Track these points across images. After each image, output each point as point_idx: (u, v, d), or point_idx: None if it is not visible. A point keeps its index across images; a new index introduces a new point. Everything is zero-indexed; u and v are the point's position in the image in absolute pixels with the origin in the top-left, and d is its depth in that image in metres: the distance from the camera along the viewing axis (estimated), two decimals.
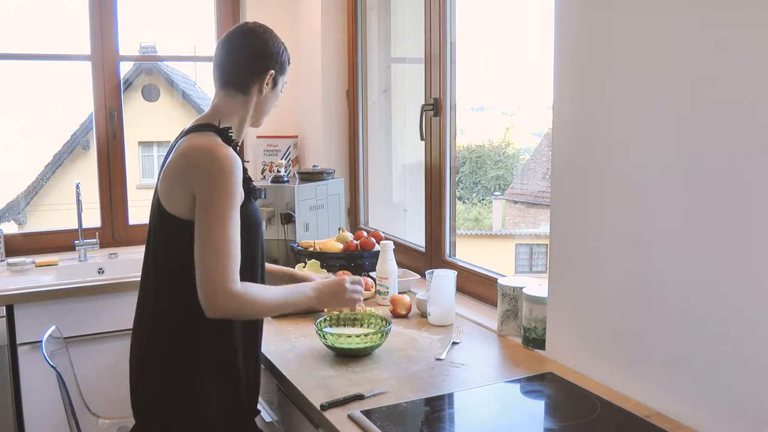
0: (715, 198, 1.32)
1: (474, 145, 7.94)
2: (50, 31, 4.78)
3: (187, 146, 1.61)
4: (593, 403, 1.50)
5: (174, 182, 1.60)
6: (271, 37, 1.74)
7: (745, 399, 1.29)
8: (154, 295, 1.68)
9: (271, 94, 1.75)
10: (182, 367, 1.64)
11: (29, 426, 2.58)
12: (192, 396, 1.64)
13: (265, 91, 1.72)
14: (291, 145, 3.42)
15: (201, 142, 1.60)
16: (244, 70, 1.71)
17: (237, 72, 1.71)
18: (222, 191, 1.53)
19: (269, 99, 1.75)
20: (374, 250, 2.51)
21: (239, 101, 1.72)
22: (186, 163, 1.58)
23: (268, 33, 1.74)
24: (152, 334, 1.68)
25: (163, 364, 1.66)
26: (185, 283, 1.56)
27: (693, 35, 1.34)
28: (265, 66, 1.71)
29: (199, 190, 1.54)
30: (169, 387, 1.65)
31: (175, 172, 1.60)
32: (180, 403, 1.64)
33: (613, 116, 1.55)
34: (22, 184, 6.43)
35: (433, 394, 1.57)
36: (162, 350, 1.66)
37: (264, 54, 1.71)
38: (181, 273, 1.58)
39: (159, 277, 1.66)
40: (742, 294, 1.28)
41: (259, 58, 1.71)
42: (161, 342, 1.66)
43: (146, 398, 1.69)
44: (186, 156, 1.59)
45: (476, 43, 3.54)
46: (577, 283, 1.69)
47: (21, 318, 2.55)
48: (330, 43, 3.24)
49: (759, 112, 1.22)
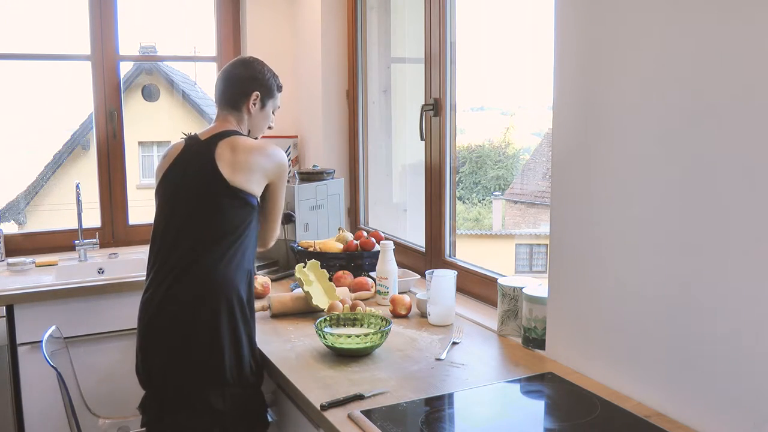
0: (715, 198, 1.32)
1: (474, 145, 7.94)
2: (50, 31, 4.78)
3: (264, 146, 1.98)
4: (593, 403, 1.50)
5: (251, 169, 1.92)
6: (259, 65, 2.09)
7: (745, 399, 1.29)
8: (211, 266, 1.83)
9: (260, 114, 2.09)
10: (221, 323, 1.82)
11: (29, 426, 2.58)
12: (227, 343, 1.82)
13: (253, 110, 2.06)
14: (291, 145, 3.42)
15: (271, 146, 2.01)
16: (235, 91, 2.05)
17: (230, 93, 2.05)
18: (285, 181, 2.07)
19: (259, 118, 2.09)
20: (374, 250, 2.51)
21: (235, 117, 2.06)
22: (269, 159, 1.97)
23: (257, 63, 2.10)
24: (196, 289, 1.83)
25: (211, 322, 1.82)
26: (243, 250, 1.88)
27: (693, 35, 1.34)
28: (250, 87, 2.05)
29: (278, 183, 2.03)
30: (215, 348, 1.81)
31: (251, 161, 1.92)
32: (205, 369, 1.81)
33: (613, 116, 1.55)
34: (22, 184, 6.42)
35: (433, 394, 1.57)
36: (215, 314, 1.82)
37: (251, 78, 2.06)
38: (242, 240, 1.88)
39: (224, 248, 1.85)
40: (742, 294, 1.28)
41: (246, 81, 2.05)
42: (219, 303, 1.83)
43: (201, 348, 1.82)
44: (266, 155, 1.97)
45: (476, 43, 3.54)
46: (577, 283, 1.69)
47: (21, 318, 2.55)
48: (330, 43, 3.24)
49: (759, 112, 1.22)
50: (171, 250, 1.87)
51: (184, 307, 1.82)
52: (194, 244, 1.85)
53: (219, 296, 1.82)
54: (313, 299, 2.16)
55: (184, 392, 1.81)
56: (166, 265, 1.86)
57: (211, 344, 1.80)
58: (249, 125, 2.08)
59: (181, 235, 1.88)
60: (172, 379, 1.82)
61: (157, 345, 1.84)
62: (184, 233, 1.88)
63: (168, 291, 1.83)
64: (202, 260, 1.83)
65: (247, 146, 1.94)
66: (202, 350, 1.80)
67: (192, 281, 1.83)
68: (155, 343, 1.85)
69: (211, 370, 1.79)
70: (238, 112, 2.05)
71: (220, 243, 1.85)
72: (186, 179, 1.92)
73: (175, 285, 1.83)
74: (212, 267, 1.83)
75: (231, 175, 1.88)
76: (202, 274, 1.82)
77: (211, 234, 1.85)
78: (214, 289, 1.82)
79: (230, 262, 1.85)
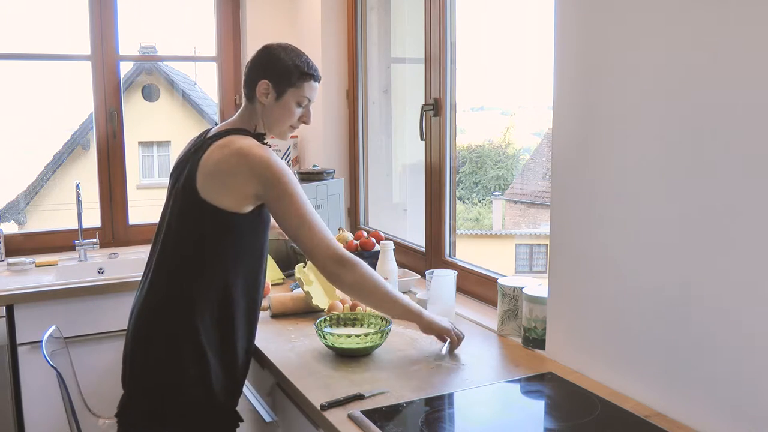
0: (716, 198, 1.32)
1: (474, 145, 7.95)
2: (50, 31, 4.78)
3: (238, 149, 1.68)
4: (593, 403, 1.50)
5: (223, 177, 1.67)
6: (279, 51, 1.81)
7: (745, 399, 1.29)
8: (172, 278, 1.71)
9: (275, 105, 1.80)
10: (187, 347, 1.68)
11: (29, 426, 2.58)
12: (197, 372, 1.68)
13: (265, 101, 1.79)
14: (291, 145, 3.42)
15: (251, 147, 1.69)
16: (246, 79, 1.83)
17: (244, 81, 1.84)
18: (288, 186, 1.69)
19: (273, 109, 1.80)
20: (374, 250, 2.52)
21: (249, 109, 1.83)
22: (238, 165, 1.67)
23: (278, 48, 1.81)
24: (164, 311, 1.71)
25: (172, 349, 1.69)
26: (213, 266, 1.69)
27: (693, 34, 1.34)
28: (257, 75, 1.79)
29: (273, 197, 1.69)
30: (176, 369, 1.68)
31: (227, 169, 1.67)
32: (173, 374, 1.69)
33: (613, 116, 1.55)
34: (22, 184, 6.43)
35: (433, 394, 1.57)
36: (171, 338, 1.69)
37: (259, 66, 1.80)
38: (209, 256, 1.69)
39: (186, 262, 1.70)
40: (742, 294, 1.28)
41: (255, 69, 1.81)
42: (170, 327, 1.70)
43: (146, 367, 1.72)
44: (241, 157, 1.67)
45: (476, 43, 3.54)
46: (577, 283, 1.69)
47: (21, 318, 2.55)
48: (330, 43, 3.24)
49: (759, 111, 1.22)
50: (151, 256, 1.80)
51: (142, 317, 1.74)
52: (160, 254, 1.74)
53: (175, 311, 1.69)
54: (314, 299, 2.16)
55: (145, 402, 1.73)
56: (146, 269, 1.81)
57: (166, 358, 1.69)
58: (263, 117, 1.82)
59: (157, 241, 1.78)
60: (130, 389, 1.76)
61: (125, 349, 1.79)
62: (158, 240, 1.78)
63: (138, 298, 1.78)
64: (163, 270, 1.73)
65: (226, 151, 1.68)
66: (158, 364, 1.70)
67: (154, 291, 1.73)
68: (125, 347, 1.79)
69: (166, 386, 1.70)
70: (251, 104, 1.82)
71: (183, 256, 1.71)
72: (175, 182, 1.78)
73: (143, 292, 1.76)
74: (171, 279, 1.71)
75: (202, 183, 1.67)
76: (162, 284, 1.72)
77: (175, 245, 1.72)
78: (169, 302, 1.70)
79: (196, 276, 1.68)
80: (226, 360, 1.73)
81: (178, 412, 1.70)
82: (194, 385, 1.68)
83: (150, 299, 1.74)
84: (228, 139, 1.72)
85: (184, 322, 1.68)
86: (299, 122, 1.85)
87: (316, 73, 1.82)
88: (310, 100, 1.83)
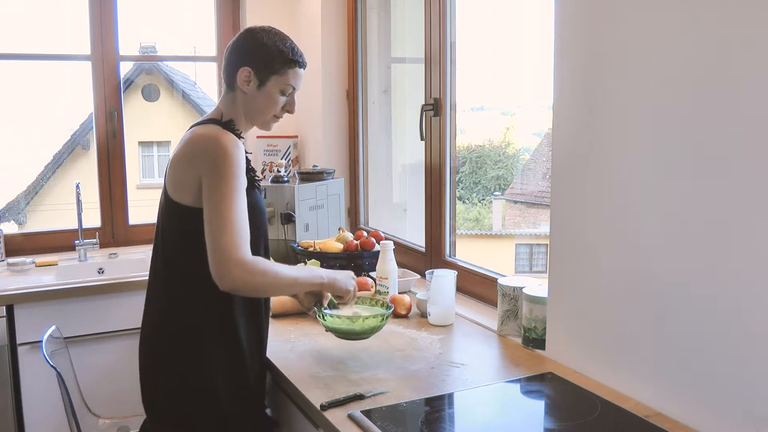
0: (715, 198, 1.32)
1: (474, 145, 7.96)
2: (50, 31, 4.79)
3: (191, 136, 1.64)
4: (593, 403, 1.50)
5: (180, 169, 1.62)
6: (262, 35, 1.70)
7: (745, 399, 1.29)
8: (163, 286, 1.69)
9: (258, 94, 1.70)
10: (194, 357, 1.66)
11: (29, 426, 2.58)
12: (204, 385, 1.65)
13: (246, 89, 1.69)
14: (291, 145, 3.42)
15: (205, 131, 1.63)
16: (226, 65, 1.73)
17: (223, 68, 1.74)
18: (227, 173, 1.54)
19: (256, 98, 1.70)
20: (374, 250, 2.51)
21: (230, 98, 1.73)
22: (191, 149, 1.61)
23: (260, 32, 1.71)
24: (161, 327, 1.69)
25: (175, 355, 1.67)
26: (193, 273, 1.60)
27: (693, 36, 1.34)
28: (238, 61, 1.69)
29: (206, 174, 1.55)
30: (181, 377, 1.66)
31: (181, 159, 1.62)
32: (193, 392, 1.66)
33: (612, 116, 1.55)
34: (22, 184, 6.44)
35: (433, 394, 1.57)
36: (173, 340, 1.67)
37: (240, 51, 1.70)
38: (188, 262, 1.61)
39: (168, 267, 1.68)
40: (743, 294, 1.28)
41: (236, 55, 1.71)
42: (172, 329, 1.68)
43: (159, 392, 1.70)
44: (191, 143, 1.62)
45: (476, 43, 3.54)
46: (576, 284, 1.69)
47: (21, 318, 2.55)
48: (330, 43, 3.24)
49: (759, 111, 1.22)
50: (152, 259, 1.78)
51: (145, 327, 1.74)
52: (153, 259, 1.73)
53: (162, 321, 1.68)
54: None
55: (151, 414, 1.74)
56: (149, 273, 1.79)
57: (152, 369, 1.70)
58: (244, 106, 1.71)
59: (156, 242, 1.75)
60: (146, 398, 1.74)
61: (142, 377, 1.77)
62: (155, 242, 1.75)
63: (144, 316, 1.77)
64: (151, 278, 1.73)
65: (185, 140, 1.63)
66: (146, 375, 1.71)
67: (148, 301, 1.73)
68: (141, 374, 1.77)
69: (154, 399, 1.71)
70: (232, 92, 1.72)
71: (163, 261, 1.68)
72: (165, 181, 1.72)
73: (147, 317, 1.74)
74: (156, 286, 1.71)
75: (169, 182, 1.64)
76: (151, 293, 1.73)
77: (159, 250, 1.70)
78: (158, 312, 1.69)
79: (174, 284, 1.66)
80: (204, 370, 1.67)
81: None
82: (176, 401, 1.67)
83: (147, 311, 1.72)
84: (190, 132, 1.65)
85: (191, 350, 1.65)
86: (283, 112, 1.76)
87: (301, 59, 1.72)
88: (295, 88, 1.74)
